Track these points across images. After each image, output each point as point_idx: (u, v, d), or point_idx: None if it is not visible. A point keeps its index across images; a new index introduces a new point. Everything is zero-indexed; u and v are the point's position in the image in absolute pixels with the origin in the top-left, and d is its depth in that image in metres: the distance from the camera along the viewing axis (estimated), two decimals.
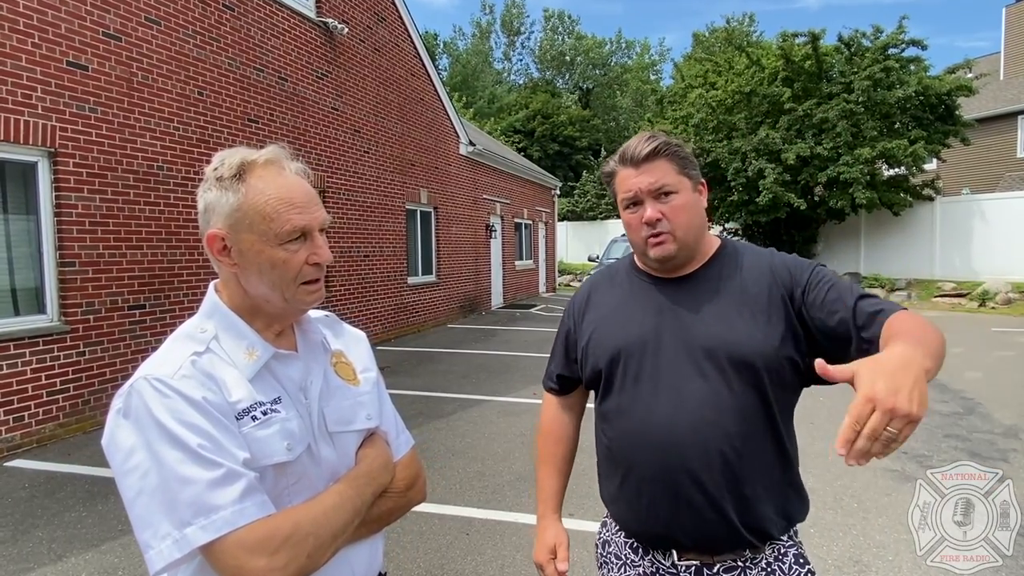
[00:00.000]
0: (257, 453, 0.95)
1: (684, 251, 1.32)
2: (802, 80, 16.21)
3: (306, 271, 1.02)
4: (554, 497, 1.56)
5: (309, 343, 1.13)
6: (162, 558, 0.87)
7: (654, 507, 1.29)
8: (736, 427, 1.24)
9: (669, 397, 1.27)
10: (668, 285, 1.37)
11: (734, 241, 1.44)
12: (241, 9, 7.32)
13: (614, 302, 1.44)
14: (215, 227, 1.01)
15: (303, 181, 1.05)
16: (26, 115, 4.97)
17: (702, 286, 1.34)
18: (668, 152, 1.31)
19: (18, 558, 3.25)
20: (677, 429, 1.25)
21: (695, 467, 1.23)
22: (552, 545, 1.48)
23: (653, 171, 1.30)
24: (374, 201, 10.28)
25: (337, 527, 0.98)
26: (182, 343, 1.00)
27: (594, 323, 1.44)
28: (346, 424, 1.10)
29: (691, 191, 1.33)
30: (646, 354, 1.32)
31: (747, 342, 1.25)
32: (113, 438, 0.92)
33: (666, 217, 1.29)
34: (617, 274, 1.49)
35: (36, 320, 5.16)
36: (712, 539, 1.26)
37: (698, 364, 1.27)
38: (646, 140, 1.32)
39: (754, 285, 1.31)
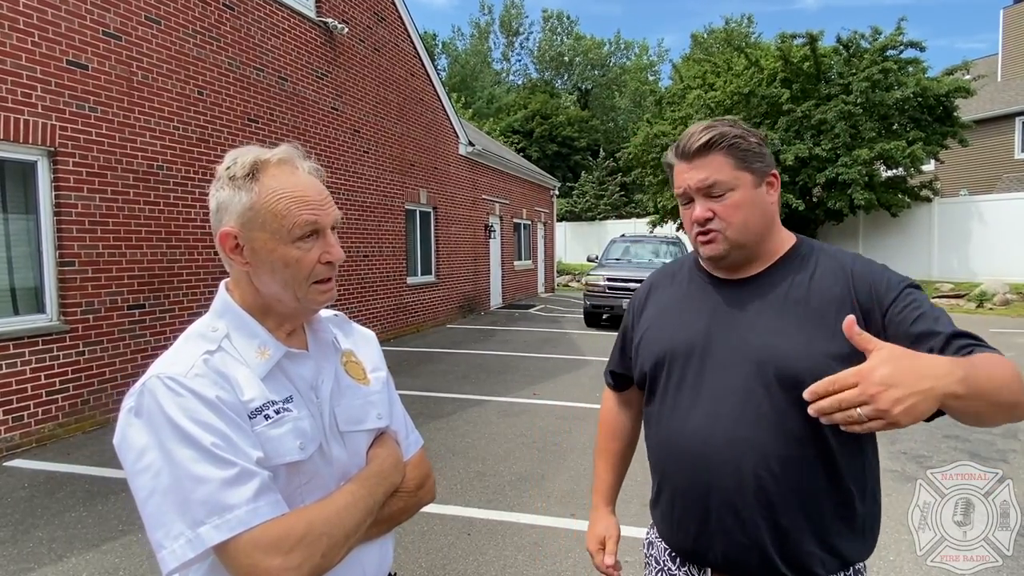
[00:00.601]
0: (270, 452, 0.95)
1: (738, 251, 1.21)
2: (801, 81, 16.24)
3: (318, 270, 1.02)
4: (607, 490, 1.53)
5: (320, 342, 1.12)
6: (175, 558, 0.86)
7: (684, 521, 1.23)
8: (776, 449, 1.13)
9: (707, 409, 1.19)
10: (727, 287, 1.26)
11: (813, 242, 1.29)
12: (241, 8, 7.31)
13: (670, 301, 1.36)
14: (228, 225, 1.01)
15: (315, 180, 1.05)
16: (26, 114, 4.96)
17: (763, 290, 1.22)
18: (724, 145, 1.19)
19: (18, 558, 3.24)
20: (711, 444, 1.17)
21: (727, 486, 1.15)
22: (602, 537, 1.46)
23: (705, 167, 1.19)
24: (374, 201, 10.27)
25: (350, 527, 0.97)
26: (194, 342, 1.00)
27: (648, 322, 1.37)
28: (357, 423, 1.10)
29: (751, 187, 1.20)
30: (691, 360, 1.23)
31: (800, 358, 1.12)
32: (125, 437, 0.92)
33: (718, 216, 1.19)
34: (679, 271, 1.40)
35: (35, 320, 5.15)
36: (744, 564, 1.17)
37: (744, 376, 1.17)
38: (701, 131, 1.21)
39: (823, 295, 1.17)
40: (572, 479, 4.33)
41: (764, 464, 1.13)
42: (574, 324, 12.79)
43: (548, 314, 14.91)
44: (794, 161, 15.37)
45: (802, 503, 1.13)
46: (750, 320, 1.20)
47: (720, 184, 1.19)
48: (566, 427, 5.54)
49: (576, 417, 5.86)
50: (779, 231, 1.26)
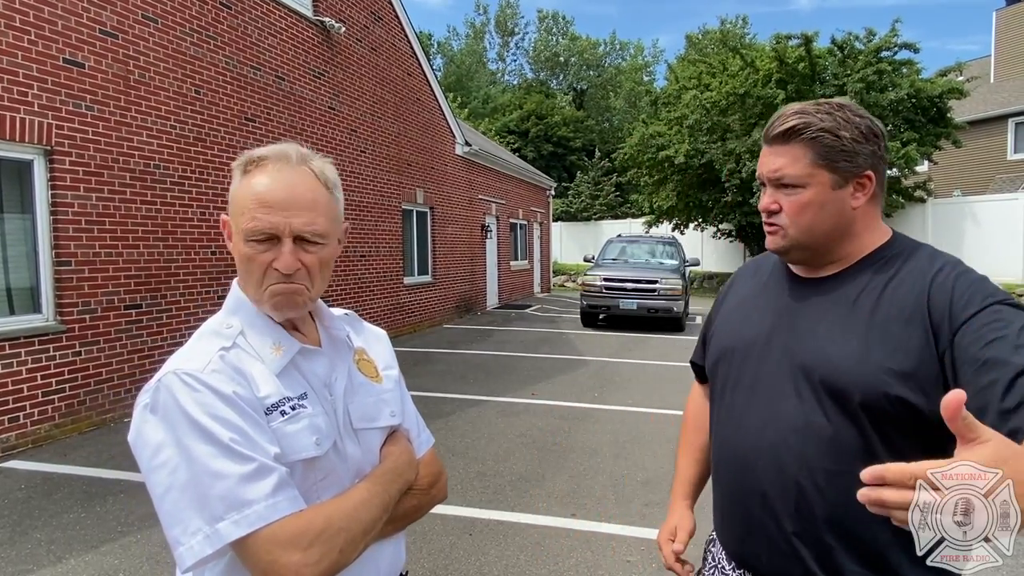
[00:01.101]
0: (287, 448, 0.94)
1: (799, 252, 1.15)
2: (795, 82, 16.29)
3: (270, 274, 0.97)
4: (685, 484, 1.47)
5: (333, 340, 1.12)
6: (193, 554, 0.85)
7: (732, 522, 1.22)
8: (821, 461, 1.06)
9: (760, 412, 1.14)
10: (801, 285, 1.19)
11: (908, 243, 1.15)
12: (238, 7, 7.27)
13: (747, 293, 1.31)
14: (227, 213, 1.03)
15: (300, 183, 0.98)
16: (22, 112, 4.92)
17: (832, 293, 1.13)
18: (808, 135, 1.08)
19: (17, 560, 3.21)
20: (759, 447, 1.13)
21: (769, 493, 1.11)
22: (674, 528, 1.41)
23: (781, 155, 1.12)
24: (370, 201, 10.24)
25: (367, 523, 0.97)
26: (208, 339, 0.99)
27: (723, 315, 1.34)
28: (370, 421, 1.10)
29: (829, 187, 1.09)
30: (750, 359, 1.19)
31: (848, 369, 1.04)
32: (140, 433, 0.91)
33: (784, 210, 1.13)
34: (765, 263, 1.33)
35: (32, 320, 5.11)
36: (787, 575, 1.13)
37: (796, 382, 1.11)
38: (790, 115, 1.11)
39: (894, 303, 1.06)
40: (572, 479, 4.33)
41: (808, 475, 1.07)
42: (571, 324, 12.80)
43: (545, 314, 14.91)
44: None
45: (848, 522, 1.04)
46: (812, 323, 1.13)
47: (789, 178, 1.11)
48: (565, 427, 5.54)
49: (575, 417, 5.86)
50: (865, 232, 1.14)
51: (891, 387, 1.00)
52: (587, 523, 3.64)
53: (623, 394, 6.76)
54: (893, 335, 1.03)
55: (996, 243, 15.70)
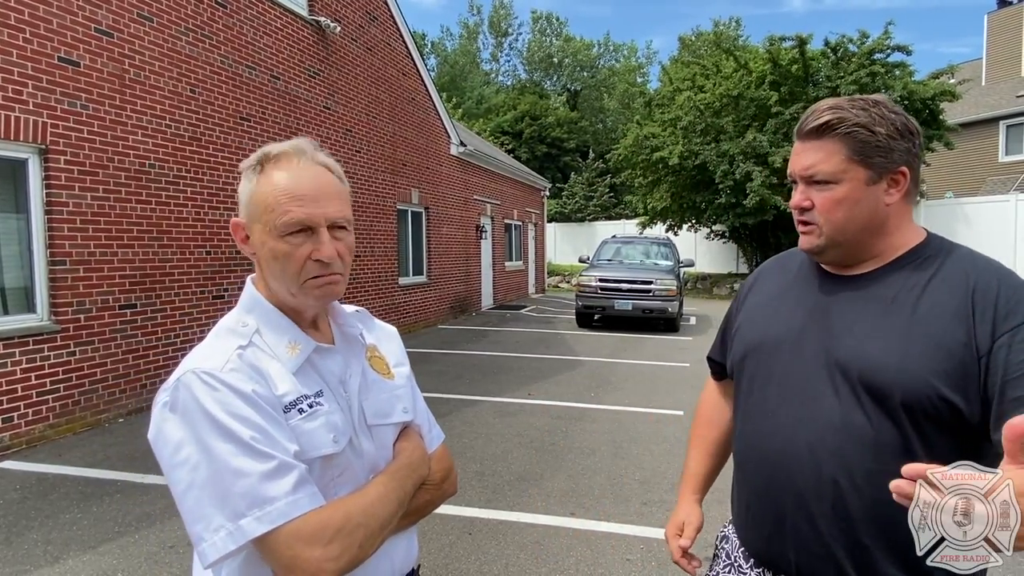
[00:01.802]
0: (305, 445, 0.95)
1: (835, 250, 1.13)
2: (789, 84, 16.40)
3: (309, 267, 0.99)
4: (695, 478, 1.46)
5: (347, 337, 1.13)
6: (216, 550, 0.86)
7: (760, 521, 1.18)
8: (861, 460, 1.05)
9: (793, 410, 1.12)
10: (834, 282, 1.17)
11: (946, 243, 1.16)
12: (234, 7, 7.25)
13: (774, 290, 1.29)
14: (239, 215, 1.03)
15: (320, 173, 1.02)
16: (17, 111, 4.89)
17: (870, 290, 1.12)
18: (842, 130, 1.08)
19: (14, 560, 3.19)
20: (793, 446, 1.11)
21: (804, 492, 1.09)
22: (681, 522, 1.40)
23: (815, 151, 1.10)
24: (365, 201, 10.23)
25: (384, 518, 0.98)
26: (225, 337, 1.00)
27: (749, 310, 1.32)
28: (384, 417, 1.11)
29: (863, 183, 1.08)
30: (780, 355, 1.17)
31: (888, 367, 1.03)
32: (161, 431, 0.92)
33: (817, 207, 1.11)
34: (791, 260, 1.31)
35: (26, 319, 5.07)
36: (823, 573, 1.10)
37: (832, 379, 1.09)
38: (824, 110, 1.10)
39: (936, 303, 1.05)
40: (571, 478, 4.34)
41: (846, 474, 1.06)
42: (566, 325, 12.82)
43: (540, 315, 14.93)
44: (783, 163, 15.49)
45: (885, 522, 1.03)
46: (848, 321, 1.11)
47: (822, 174, 1.10)
48: (563, 427, 5.55)
49: (572, 417, 5.87)
50: (899, 230, 1.13)
51: (933, 387, 1.00)
52: (586, 522, 3.65)
53: (619, 394, 6.78)
54: (935, 334, 1.02)
55: (988, 245, 15.83)
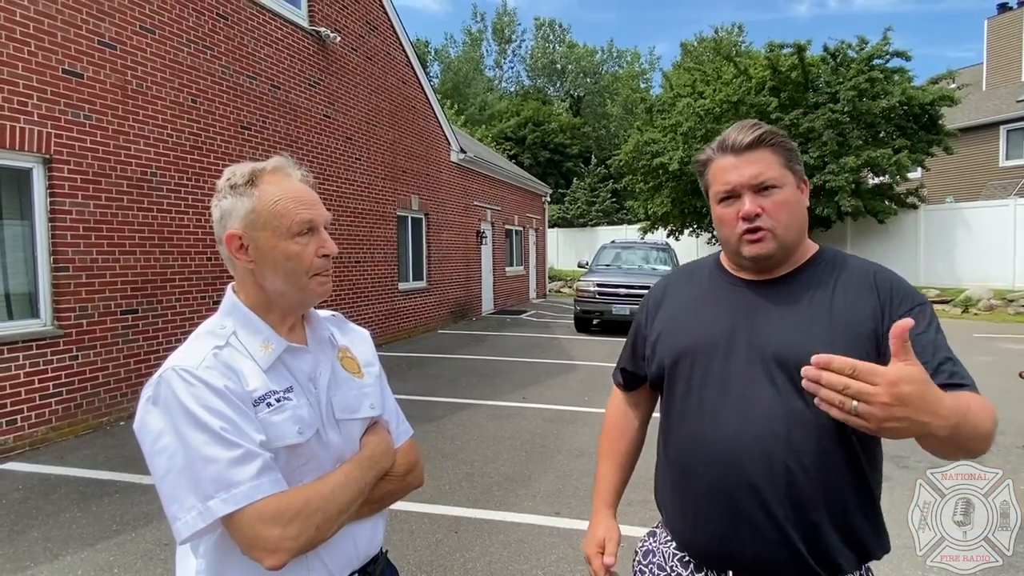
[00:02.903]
0: (272, 436, 1.05)
1: (782, 251, 1.22)
2: (789, 90, 16.48)
3: (316, 263, 1.14)
4: (610, 492, 1.50)
5: (318, 338, 1.23)
6: (188, 528, 0.97)
7: (710, 521, 1.21)
8: (807, 444, 1.13)
9: (737, 405, 1.19)
10: (752, 287, 1.27)
11: (836, 248, 1.32)
12: (235, 18, 7.41)
13: (689, 299, 1.36)
14: (232, 228, 1.12)
15: (306, 185, 1.18)
16: (22, 122, 5.04)
17: (789, 291, 1.23)
18: (773, 142, 1.21)
19: (14, 557, 3.30)
20: (742, 439, 1.16)
21: (758, 482, 1.14)
22: (601, 539, 1.42)
23: (756, 162, 1.19)
24: (365, 207, 10.36)
25: (343, 504, 1.08)
26: (204, 339, 1.11)
27: (665, 320, 1.37)
28: (351, 412, 1.21)
29: (795, 187, 1.22)
30: (715, 357, 1.23)
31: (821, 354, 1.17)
32: (144, 423, 1.03)
33: (767, 213, 1.18)
34: (698, 272, 1.40)
35: (30, 324, 5.21)
36: (773, 563, 1.16)
37: (769, 373, 1.17)
38: (750, 128, 1.21)
39: (847, 298, 1.19)
40: (558, 479, 4.43)
41: (796, 458, 1.13)
42: (565, 329, 12.90)
43: (539, 320, 15.02)
44: None
45: (831, 499, 1.14)
46: (776, 318, 1.21)
47: (770, 180, 1.19)
48: (554, 430, 5.64)
49: (564, 420, 5.96)
50: (805, 236, 1.28)
51: None
52: (570, 521, 3.74)
53: None
54: (854, 323, 1.16)
55: (988, 249, 15.86)
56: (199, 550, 1.09)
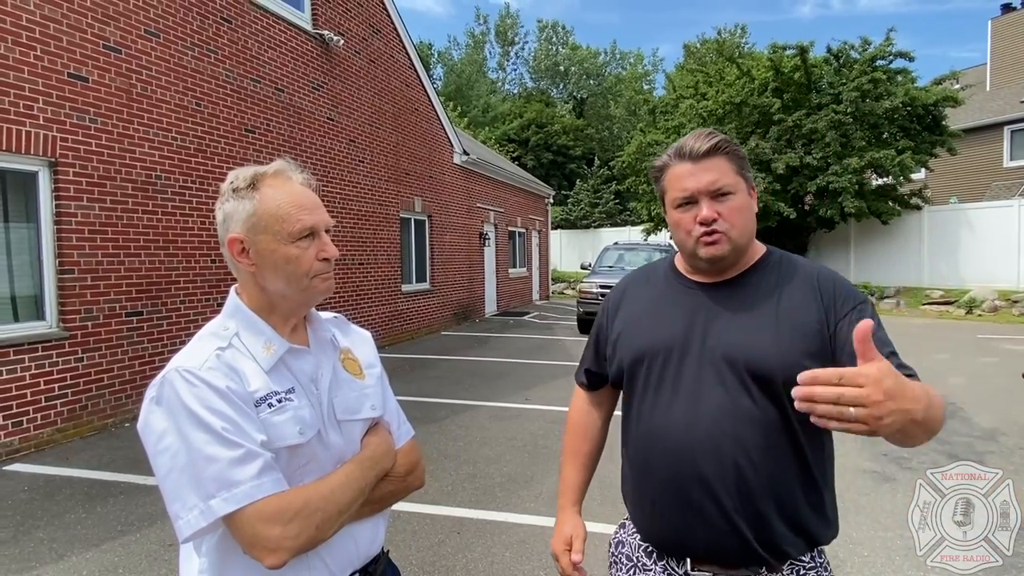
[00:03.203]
0: (273, 436, 1.07)
1: (735, 253, 1.29)
2: (791, 91, 16.48)
3: (316, 266, 1.15)
4: (575, 491, 1.55)
5: (320, 340, 1.24)
6: (190, 526, 0.98)
7: (666, 512, 1.28)
8: (754, 439, 1.21)
9: (688, 404, 1.26)
10: (705, 289, 1.34)
11: (780, 250, 1.39)
12: (239, 22, 7.45)
13: (647, 302, 1.41)
14: (234, 232, 1.14)
15: (308, 188, 1.19)
16: (27, 125, 5.08)
17: (738, 294, 1.31)
18: (728, 150, 1.27)
19: (20, 557, 3.33)
20: (693, 436, 1.23)
21: (708, 476, 1.22)
22: (569, 537, 1.47)
23: (712, 169, 1.25)
24: (369, 210, 10.40)
25: (343, 504, 1.09)
26: (207, 340, 1.12)
27: (625, 321, 1.42)
28: (352, 413, 1.22)
29: (746, 193, 1.30)
30: (671, 358, 1.30)
31: (768, 355, 1.21)
32: (147, 423, 1.04)
33: (723, 217, 1.25)
34: (654, 274, 1.46)
35: (35, 326, 5.25)
36: (725, 551, 1.24)
37: (719, 373, 1.24)
38: (706, 136, 1.28)
39: (792, 299, 1.27)
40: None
41: (744, 454, 1.20)
42: (568, 331, 12.91)
43: (542, 321, 15.03)
44: (785, 170, 15.57)
45: (777, 490, 1.21)
46: (727, 320, 1.28)
47: (726, 186, 1.25)
48: (557, 431, 5.65)
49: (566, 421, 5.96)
50: (754, 239, 1.34)
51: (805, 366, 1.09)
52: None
53: None
54: (799, 324, 1.23)
55: (992, 250, 15.80)
56: (202, 549, 1.11)
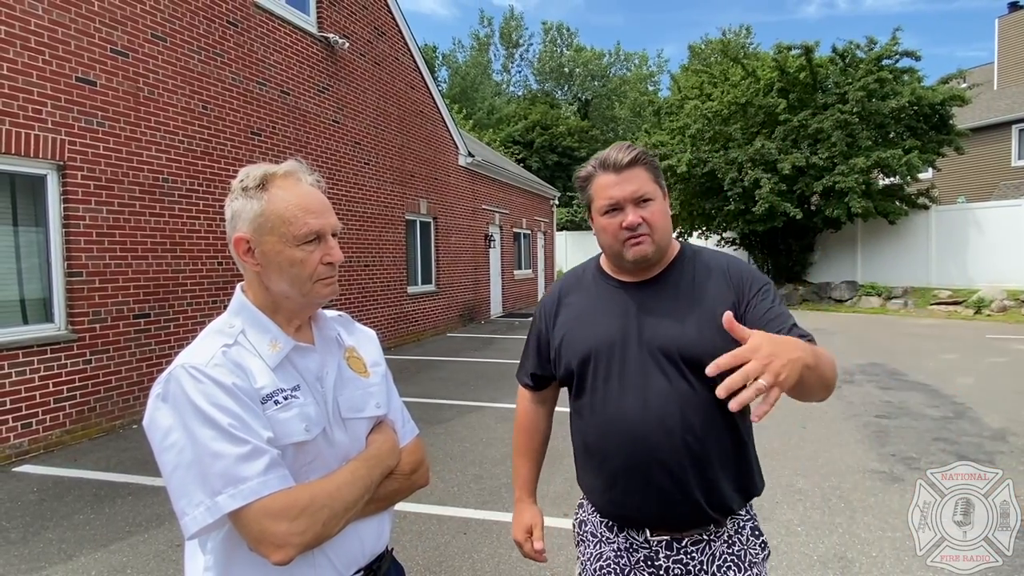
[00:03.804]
0: (279, 433, 1.07)
1: (657, 252, 1.42)
2: (797, 91, 16.41)
3: (320, 270, 1.15)
4: (529, 483, 1.69)
5: (325, 338, 1.25)
6: (196, 523, 0.99)
7: (627, 494, 1.41)
8: (697, 418, 1.36)
9: (636, 395, 1.38)
10: (631, 289, 1.47)
11: (692, 245, 1.55)
12: (244, 25, 7.49)
13: (583, 305, 1.53)
14: (241, 231, 1.14)
15: (317, 191, 1.18)
16: (36, 129, 5.12)
17: (662, 290, 1.45)
18: (646, 161, 1.42)
19: (29, 558, 3.35)
20: (646, 423, 1.36)
21: (664, 457, 1.35)
22: (528, 525, 1.61)
23: (633, 179, 1.39)
24: (374, 212, 10.42)
25: (349, 501, 1.10)
26: (213, 337, 1.13)
27: (566, 325, 1.53)
28: (357, 411, 1.23)
29: (663, 198, 1.44)
30: (614, 355, 1.42)
31: (697, 342, 1.36)
32: (153, 419, 1.04)
33: (647, 221, 1.39)
34: (583, 278, 1.58)
35: (44, 329, 5.28)
36: (680, 519, 1.39)
37: (658, 363, 1.38)
38: (626, 149, 1.41)
39: (707, 288, 1.43)
40: (566, 481, 4.43)
41: (691, 432, 1.36)
42: None
43: None
44: (791, 170, 15.51)
45: (721, 458, 1.39)
46: (654, 315, 1.42)
47: (647, 194, 1.40)
48: (562, 432, 5.59)
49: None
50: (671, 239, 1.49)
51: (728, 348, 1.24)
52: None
53: None
54: (716, 311, 1.34)
55: (1000, 250, 15.68)
56: (207, 546, 1.11)
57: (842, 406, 6.41)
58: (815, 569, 3.17)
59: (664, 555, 1.41)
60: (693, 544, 1.41)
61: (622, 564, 1.45)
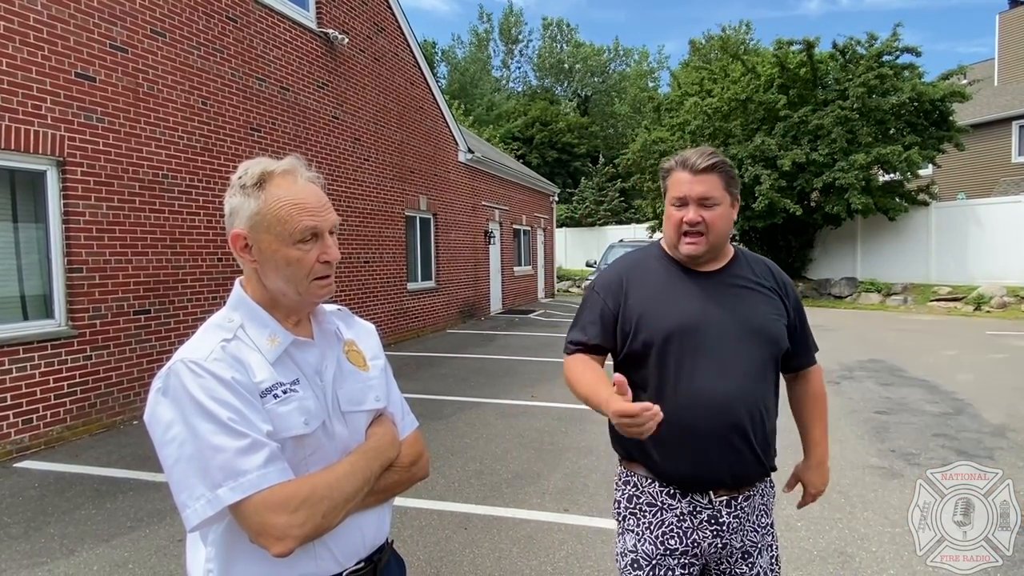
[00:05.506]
0: (279, 426, 1.08)
1: (710, 252, 1.61)
2: (797, 87, 16.41)
3: (317, 268, 1.15)
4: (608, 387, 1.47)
5: (324, 332, 1.26)
6: (197, 515, 1.00)
7: (707, 457, 1.55)
8: (764, 392, 1.59)
9: (722, 368, 1.55)
10: (702, 277, 1.65)
11: (742, 248, 1.77)
12: (244, 21, 7.47)
13: (658, 285, 1.66)
14: (238, 228, 1.14)
15: (316, 188, 1.18)
16: (36, 125, 5.11)
17: (733, 280, 1.65)
18: (723, 169, 1.59)
19: (31, 553, 3.36)
20: (732, 394, 1.54)
21: (744, 423, 1.55)
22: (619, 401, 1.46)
23: (705, 182, 1.56)
24: (374, 208, 10.41)
25: (348, 493, 1.10)
26: (212, 331, 1.13)
27: (643, 303, 1.64)
28: (357, 404, 1.23)
29: (729, 205, 1.61)
30: (699, 333, 1.57)
31: (772, 325, 1.62)
32: (154, 413, 1.05)
33: (706, 221, 1.56)
34: (645, 262, 1.73)
35: (44, 325, 5.28)
36: (749, 477, 1.60)
37: (740, 341, 1.57)
38: (707, 155, 1.58)
39: (764, 284, 1.67)
40: (567, 477, 4.44)
41: (763, 402, 1.59)
42: None
43: (547, 319, 15.02)
44: (791, 166, 15.50)
45: (772, 425, 1.65)
46: (732, 301, 1.62)
47: (713, 199, 1.57)
48: (563, 428, 5.65)
49: (573, 418, 5.97)
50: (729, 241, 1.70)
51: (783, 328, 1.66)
52: (579, 518, 3.76)
53: None
54: (774, 303, 1.66)
55: (1000, 246, 15.68)
56: (208, 539, 1.12)
57: (842, 402, 6.42)
58: (815, 564, 3.18)
59: (726, 512, 1.58)
60: (745, 499, 1.60)
61: (684, 527, 1.59)
